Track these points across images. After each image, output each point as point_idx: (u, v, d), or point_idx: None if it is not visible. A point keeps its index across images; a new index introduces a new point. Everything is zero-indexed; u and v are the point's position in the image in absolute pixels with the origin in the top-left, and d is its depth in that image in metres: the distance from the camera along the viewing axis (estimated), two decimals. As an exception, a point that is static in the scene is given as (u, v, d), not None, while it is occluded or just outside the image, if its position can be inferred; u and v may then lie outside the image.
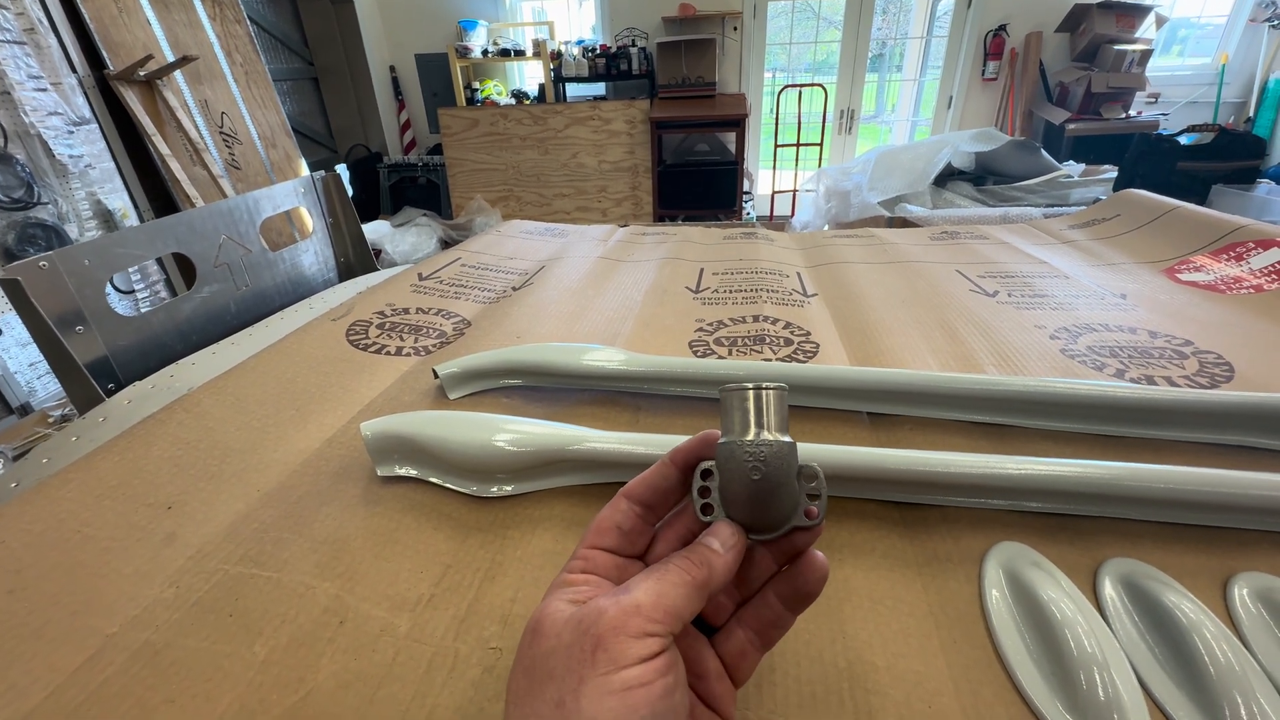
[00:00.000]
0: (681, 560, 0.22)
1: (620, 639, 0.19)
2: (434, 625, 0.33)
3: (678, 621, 0.21)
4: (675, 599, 0.21)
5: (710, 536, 0.24)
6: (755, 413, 0.24)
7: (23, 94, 1.71)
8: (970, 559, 0.35)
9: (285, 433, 0.49)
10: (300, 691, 0.29)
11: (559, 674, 0.20)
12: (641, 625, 0.20)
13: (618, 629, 0.20)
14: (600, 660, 0.19)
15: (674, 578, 0.22)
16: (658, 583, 0.21)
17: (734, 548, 0.23)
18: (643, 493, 0.25)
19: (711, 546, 0.23)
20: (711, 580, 0.22)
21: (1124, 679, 0.29)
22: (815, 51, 3.94)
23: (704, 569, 0.22)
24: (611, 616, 0.20)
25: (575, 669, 0.19)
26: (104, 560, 0.37)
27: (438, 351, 0.63)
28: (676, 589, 0.21)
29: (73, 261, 0.62)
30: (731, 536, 0.24)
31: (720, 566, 0.23)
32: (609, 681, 0.19)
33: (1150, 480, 0.36)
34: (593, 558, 0.24)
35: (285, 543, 0.38)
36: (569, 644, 0.20)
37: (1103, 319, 0.64)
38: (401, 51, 3.80)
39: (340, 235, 1.06)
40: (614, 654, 0.19)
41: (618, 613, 0.20)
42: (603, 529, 0.25)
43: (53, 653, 0.31)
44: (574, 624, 0.20)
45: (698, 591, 0.22)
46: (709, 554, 0.23)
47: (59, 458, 0.53)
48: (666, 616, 0.20)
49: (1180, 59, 3.61)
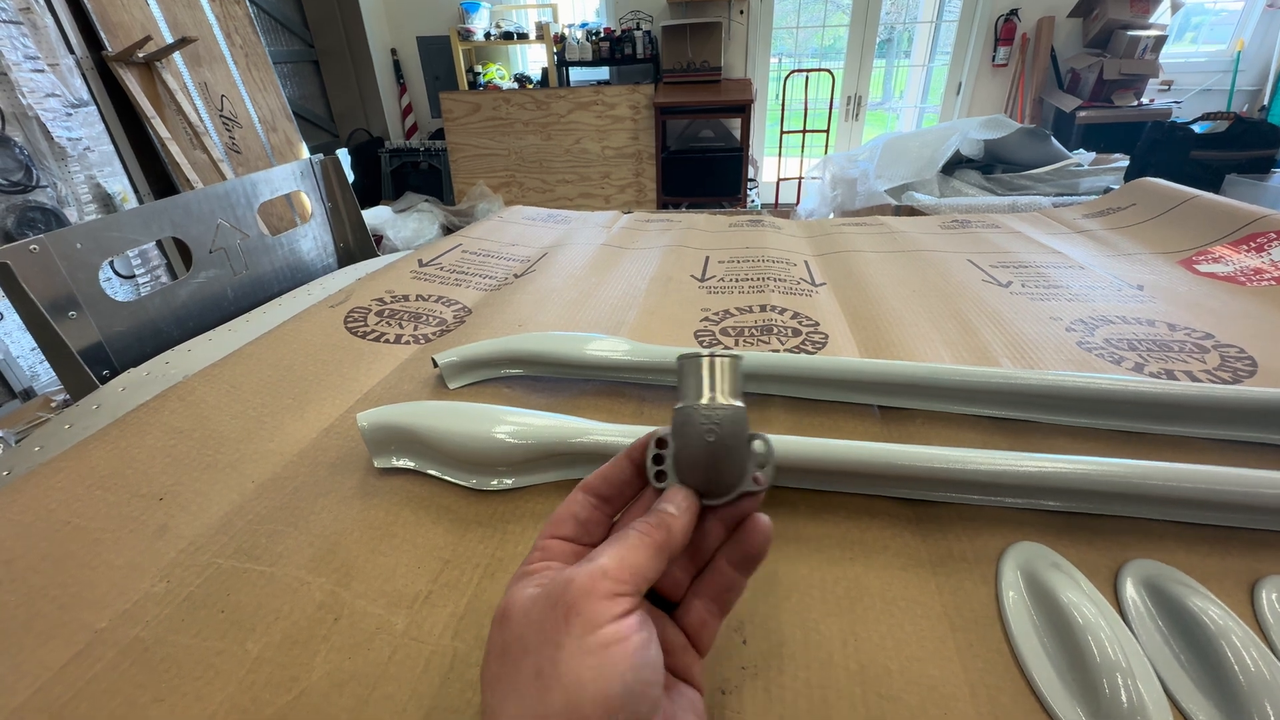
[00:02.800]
0: (640, 524, 0.23)
1: (591, 601, 0.20)
2: (432, 623, 0.32)
3: (643, 581, 0.22)
4: (638, 561, 0.22)
5: (665, 502, 0.24)
6: (709, 380, 0.25)
7: (19, 75, 1.68)
8: (986, 559, 0.34)
9: (281, 422, 0.48)
10: (294, 691, 0.28)
11: (534, 646, 0.20)
12: (610, 587, 0.20)
13: (588, 592, 0.20)
14: (575, 625, 0.19)
15: (634, 541, 0.22)
16: (619, 547, 0.22)
17: (688, 509, 0.24)
18: (599, 485, 0.26)
19: (667, 510, 0.24)
20: (670, 542, 0.23)
21: (1148, 686, 0.28)
22: (822, 36, 3.88)
23: (662, 530, 0.23)
24: (580, 583, 0.20)
25: (550, 638, 0.20)
26: (94, 552, 0.36)
27: (438, 339, 0.61)
28: (638, 551, 0.22)
29: (65, 245, 0.60)
30: (685, 499, 0.25)
31: (677, 528, 0.23)
32: (586, 643, 0.19)
33: (1173, 479, 0.35)
34: (550, 547, 0.24)
35: (280, 536, 0.37)
36: (540, 618, 0.20)
37: (1120, 311, 0.62)
38: (403, 34, 3.75)
39: (340, 220, 1.04)
40: (588, 617, 0.20)
41: (586, 578, 0.20)
42: (559, 519, 0.26)
43: (40, 647, 0.30)
44: (543, 599, 0.21)
45: (658, 553, 0.22)
46: (665, 517, 0.24)
47: (52, 445, 0.52)
48: (633, 577, 0.21)
49: (1194, 45, 3.54)
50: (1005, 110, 3.48)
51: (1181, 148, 2.53)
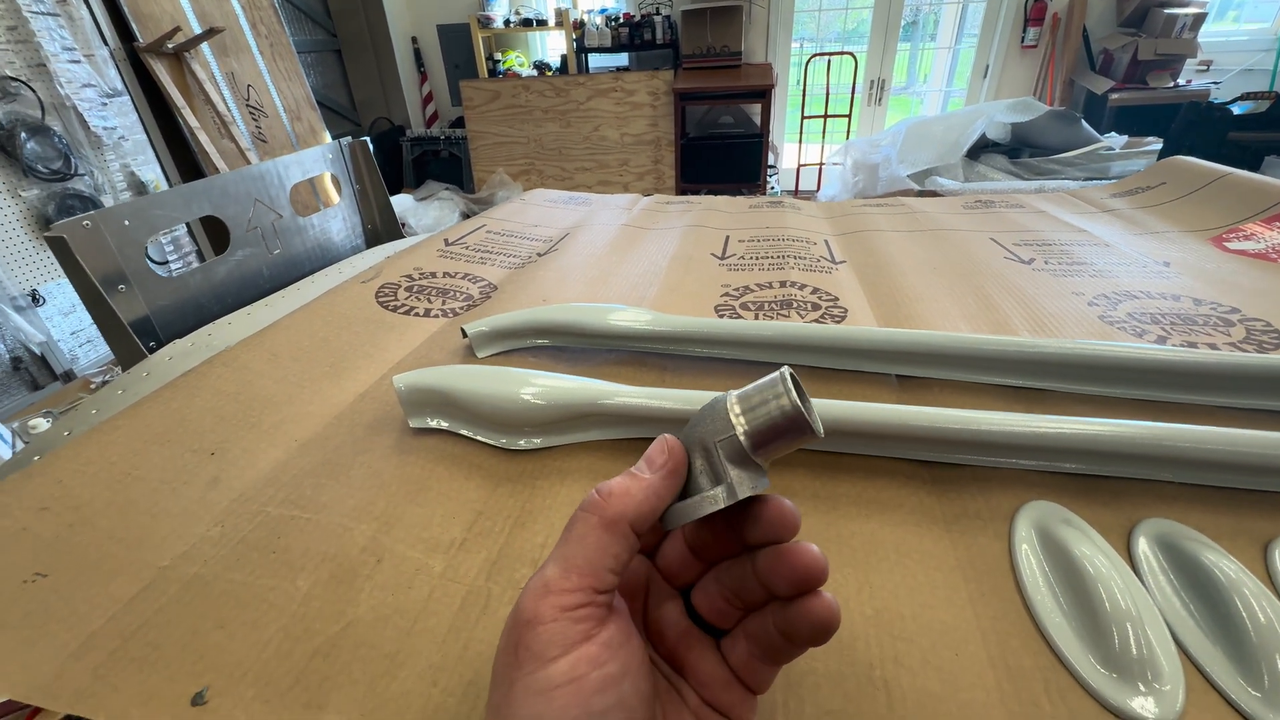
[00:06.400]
0: (586, 501, 0.19)
1: (536, 631, 0.17)
2: (467, 566, 0.34)
3: (596, 576, 0.18)
4: (583, 552, 0.18)
5: (641, 461, 0.21)
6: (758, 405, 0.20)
7: (58, 66, 1.74)
8: (1000, 516, 0.35)
9: (320, 387, 0.50)
10: (342, 622, 0.30)
11: (498, 679, 0.18)
12: (555, 603, 0.17)
13: (532, 620, 0.17)
14: (524, 659, 0.17)
15: (578, 529, 0.19)
16: (561, 544, 0.19)
17: (663, 466, 0.20)
18: None
19: (634, 471, 0.20)
20: (623, 510, 0.19)
21: (1158, 635, 0.28)
22: (845, 19, 3.80)
23: (610, 498, 0.19)
24: (524, 607, 0.18)
25: (504, 674, 0.18)
26: (154, 500, 0.38)
27: (465, 313, 0.63)
28: (581, 540, 0.18)
29: (113, 222, 0.64)
30: (660, 453, 0.20)
31: (634, 490, 0.19)
32: (533, 681, 0.17)
33: (1189, 441, 0.35)
34: None
35: (323, 488, 0.39)
36: (502, 647, 0.18)
37: (1144, 286, 0.62)
38: (423, 22, 3.77)
39: (368, 202, 1.07)
40: (535, 650, 0.17)
41: (528, 601, 0.18)
42: None
43: (110, 582, 0.33)
44: (507, 624, 0.19)
45: (607, 531, 0.19)
46: (615, 484, 0.20)
47: (107, 409, 0.55)
48: (580, 578, 0.18)
49: (1236, 24, 3.41)
50: (1034, 93, 3.39)
51: (1218, 129, 2.44)
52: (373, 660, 0.29)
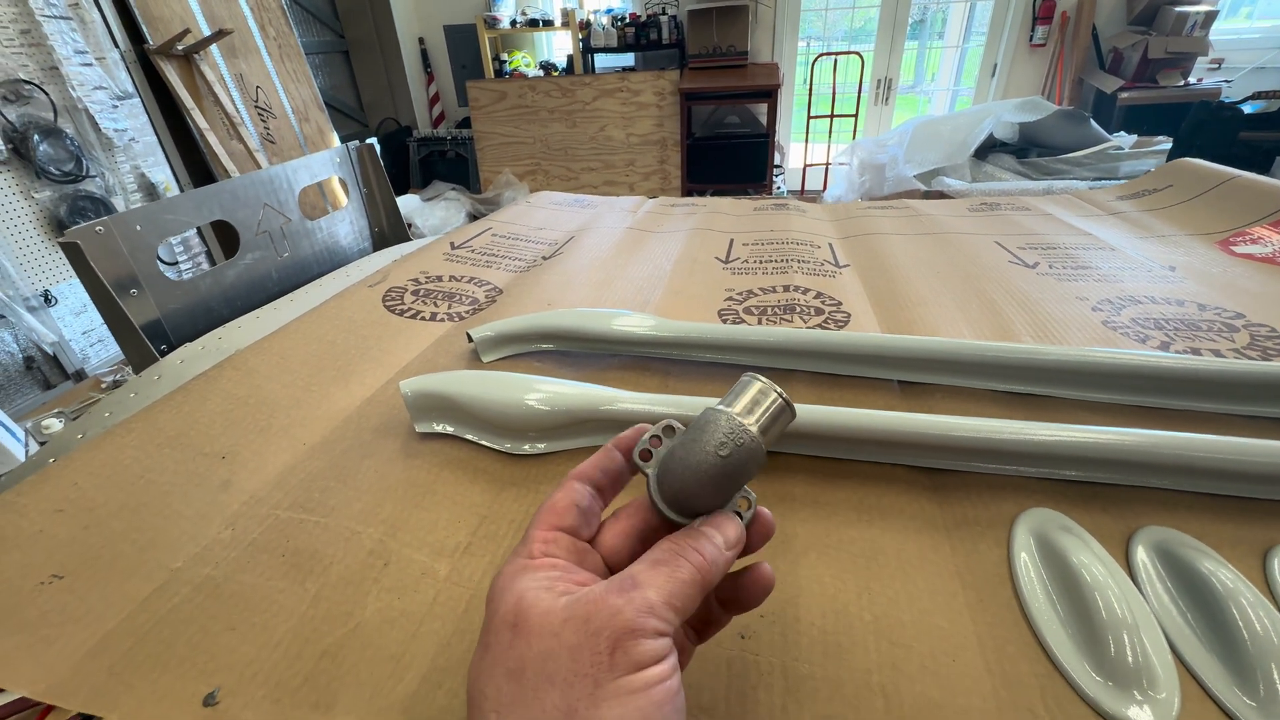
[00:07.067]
0: (693, 555, 0.22)
1: (638, 638, 0.19)
2: (472, 570, 0.34)
3: (684, 617, 0.21)
4: (685, 597, 0.20)
5: (714, 530, 0.23)
6: (756, 405, 0.24)
7: (70, 69, 1.76)
8: (1000, 524, 0.35)
9: (328, 391, 0.51)
10: (349, 624, 0.31)
11: (563, 679, 0.18)
12: (655, 624, 0.19)
13: (635, 631, 0.19)
14: (620, 663, 0.18)
15: (685, 575, 0.21)
16: (669, 580, 0.20)
17: (736, 547, 0.23)
18: (595, 475, 0.25)
19: (715, 542, 0.22)
20: (713, 580, 0.22)
21: (1155, 643, 0.29)
22: (852, 18, 3.79)
23: (711, 569, 0.22)
24: (628, 616, 0.19)
25: (587, 673, 0.18)
26: (166, 503, 0.39)
27: (471, 317, 0.64)
28: (687, 587, 0.21)
29: (125, 227, 0.65)
30: (736, 536, 0.23)
31: (722, 564, 0.22)
32: (629, 682, 0.18)
33: (1188, 449, 0.36)
34: (555, 540, 0.23)
35: (331, 491, 0.40)
36: (574, 645, 0.19)
37: (1149, 291, 0.62)
38: (430, 23, 3.79)
39: (375, 205, 1.07)
40: (635, 656, 0.18)
41: (633, 613, 0.19)
42: (562, 509, 0.24)
43: (125, 582, 0.34)
44: (578, 623, 0.19)
45: (701, 590, 0.21)
46: (714, 551, 0.22)
47: (120, 412, 0.56)
48: (675, 615, 0.20)
49: (1248, 21, 3.37)
50: (1042, 92, 3.36)
51: (1229, 128, 2.42)
52: (379, 662, 0.29)
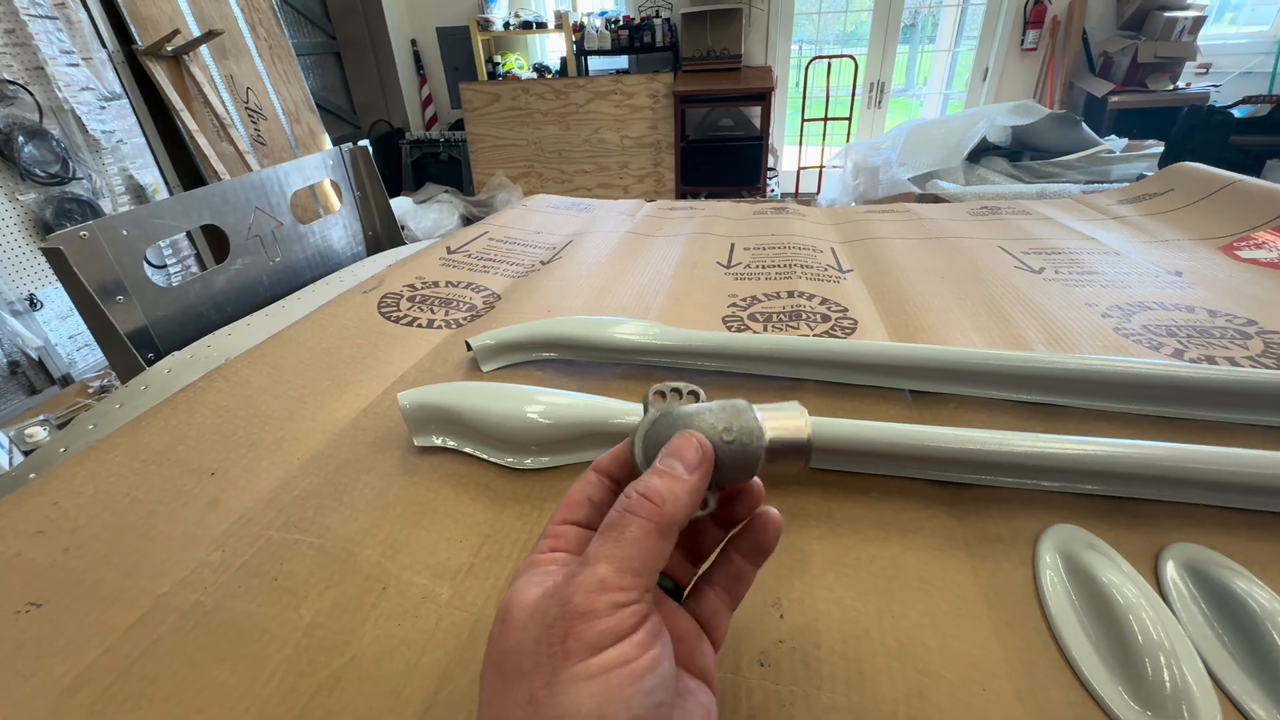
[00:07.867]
0: (641, 506, 0.20)
1: (591, 624, 0.18)
2: (475, 593, 0.33)
3: (651, 574, 0.19)
4: (642, 554, 0.19)
5: (671, 459, 0.21)
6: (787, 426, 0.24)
7: (55, 69, 1.73)
8: (1023, 541, 0.34)
9: (322, 402, 0.49)
10: (346, 655, 0.29)
11: (528, 670, 0.18)
12: (611, 599, 0.18)
13: (587, 614, 0.18)
14: (573, 650, 0.18)
15: (635, 532, 0.20)
16: (616, 544, 0.19)
17: (698, 469, 0.21)
18: (610, 466, 0.24)
19: (672, 474, 0.21)
20: (676, 517, 0.20)
21: (1192, 667, 0.27)
22: (845, 22, 3.80)
23: (670, 508, 0.20)
24: (575, 603, 0.18)
25: (545, 663, 0.18)
26: (152, 523, 0.37)
27: (468, 324, 0.62)
28: (639, 545, 0.19)
29: (111, 232, 0.62)
30: (696, 456, 0.21)
31: (685, 495, 0.21)
32: (587, 667, 0.17)
33: (1215, 463, 0.34)
34: (563, 534, 0.23)
35: (326, 510, 0.38)
36: (535, 638, 0.18)
37: (1157, 297, 0.61)
38: (423, 24, 3.76)
39: (368, 208, 1.05)
40: (588, 640, 0.18)
41: (582, 596, 0.18)
42: (573, 502, 0.23)
43: (107, 610, 0.32)
44: (539, 616, 0.19)
45: (662, 536, 0.20)
46: (668, 486, 0.21)
47: (105, 424, 0.54)
48: (635, 579, 0.19)
49: (1234, 26, 3.41)
50: (1034, 96, 3.38)
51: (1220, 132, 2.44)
52: (378, 697, 0.28)
